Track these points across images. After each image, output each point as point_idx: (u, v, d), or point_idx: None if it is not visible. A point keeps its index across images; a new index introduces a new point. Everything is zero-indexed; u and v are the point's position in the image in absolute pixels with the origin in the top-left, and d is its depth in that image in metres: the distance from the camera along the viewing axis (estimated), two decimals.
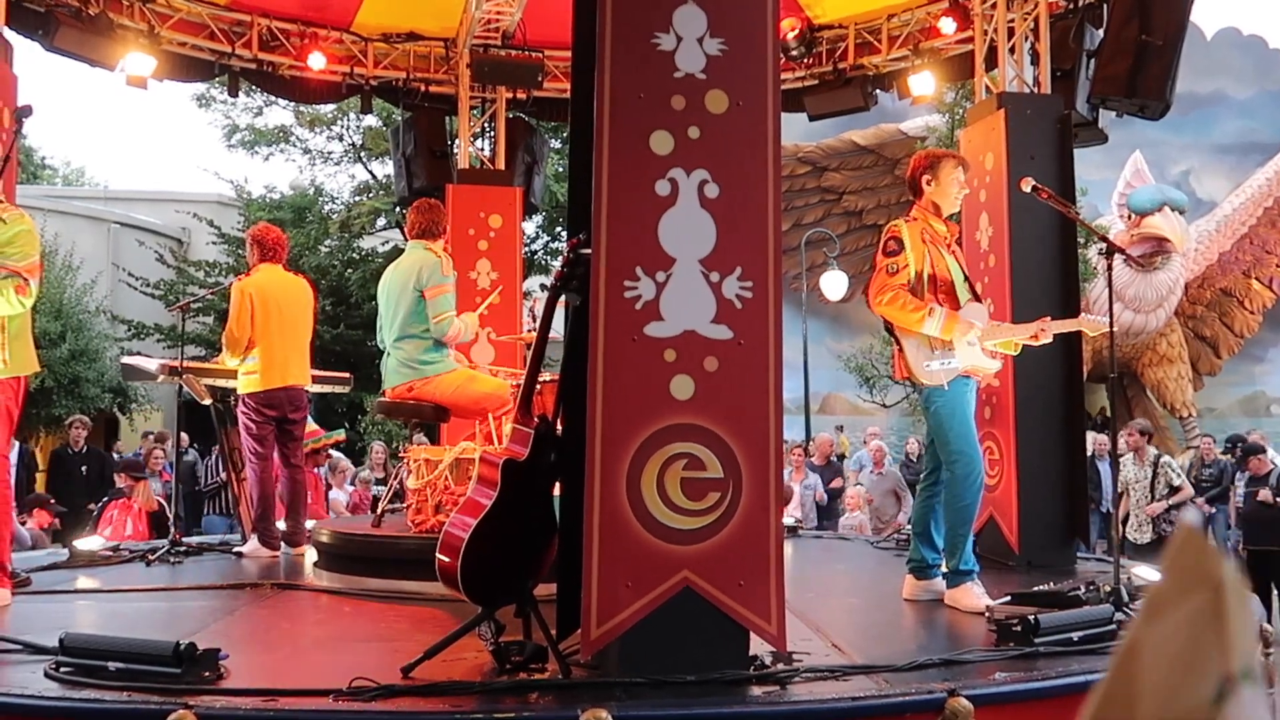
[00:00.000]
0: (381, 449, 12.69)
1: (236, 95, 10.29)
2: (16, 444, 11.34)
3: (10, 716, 3.17)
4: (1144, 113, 7.19)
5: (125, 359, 7.86)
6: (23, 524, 9.80)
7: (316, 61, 9.01)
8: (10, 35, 6.74)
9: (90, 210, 23.89)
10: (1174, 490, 10.20)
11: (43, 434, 15.89)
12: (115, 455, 13.69)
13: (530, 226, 19.89)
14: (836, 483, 11.95)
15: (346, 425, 18.36)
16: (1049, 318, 5.13)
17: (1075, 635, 3.90)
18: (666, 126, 3.44)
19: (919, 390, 5.00)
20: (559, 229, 21.02)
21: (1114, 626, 4.02)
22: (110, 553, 6.58)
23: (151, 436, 12.97)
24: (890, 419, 21.60)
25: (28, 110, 4.32)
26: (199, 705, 3.01)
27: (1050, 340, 5.14)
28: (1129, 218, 21.40)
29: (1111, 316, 4.73)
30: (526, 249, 18.08)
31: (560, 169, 18.23)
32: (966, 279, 5.09)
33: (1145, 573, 5.32)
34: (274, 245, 6.66)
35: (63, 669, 3.39)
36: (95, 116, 65.77)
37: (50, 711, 3.15)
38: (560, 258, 3.69)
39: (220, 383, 6.95)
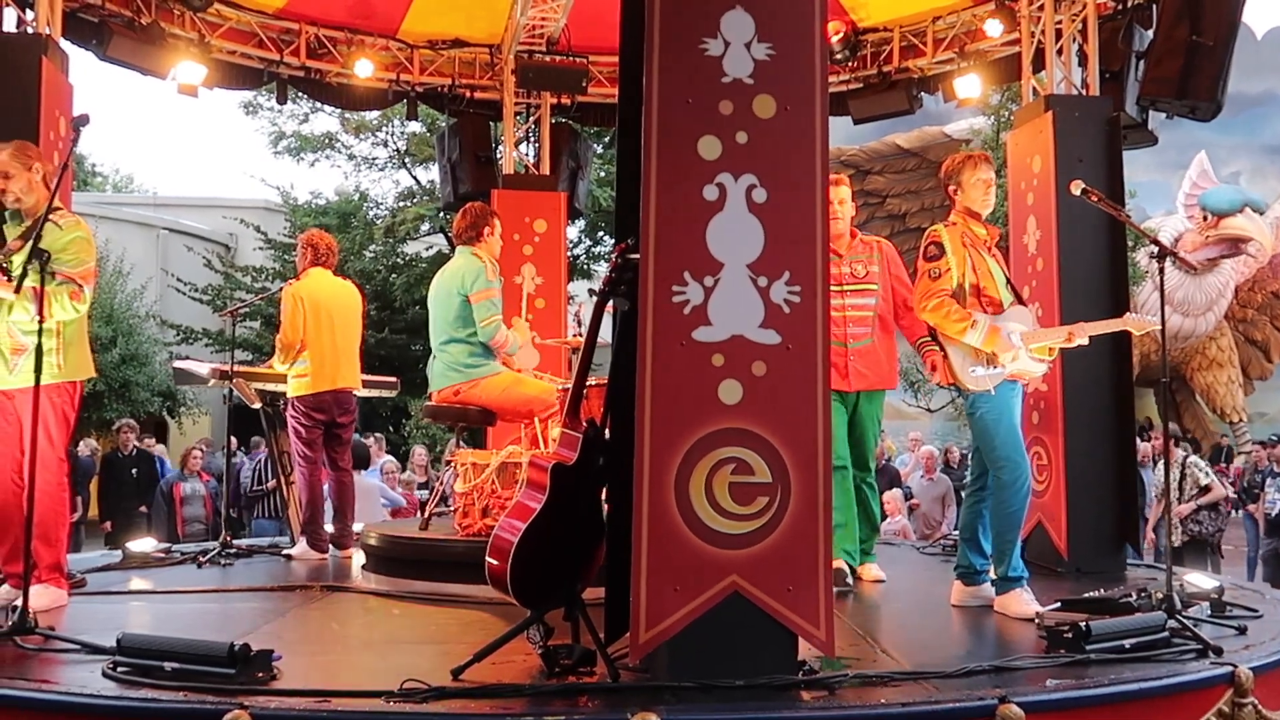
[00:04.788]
0: (423, 452, 12.78)
1: (285, 102, 10.39)
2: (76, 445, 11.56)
3: (70, 715, 3.23)
4: (1195, 114, 7.10)
5: (177, 363, 7.98)
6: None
7: (363, 69, 9.10)
8: (66, 45, 6.86)
9: (139, 216, 24.27)
10: (1203, 490, 10.03)
11: (94, 436, 16.12)
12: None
13: (573, 231, 19.97)
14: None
15: (391, 429, 18.52)
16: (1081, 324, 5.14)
17: (1127, 643, 3.85)
18: (714, 131, 3.45)
19: (964, 395, 4.97)
20: (602, 233, 21.08)
21: (1166, 634, 3.98)
22: (163, 554, 6.68)
23: (201, 442, 13.18)
24: (934, 423, 21.45)
25: (85, 119, 4.38)
26: (253, 706, 3.05)
27: (1087, 341, 5.09)
28: (1205, 218, 21.20)
29: (1164, 321, 4.67)
30: (569, 253, 18.13)
31: (603, 173, 18.29)
32: (1009, 282, 5.06)
33: (1198, 580, 5.25)
34: (327, 250, 6.75)
35: (120, 669, 3.45)
36: (143, 124, 66.79)
37: (109, 710, 3.20)
38: (608, 263, 3.71)
39: (269, 387, 7.04)
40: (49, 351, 4.48)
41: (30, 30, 6.62)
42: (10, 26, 6.60)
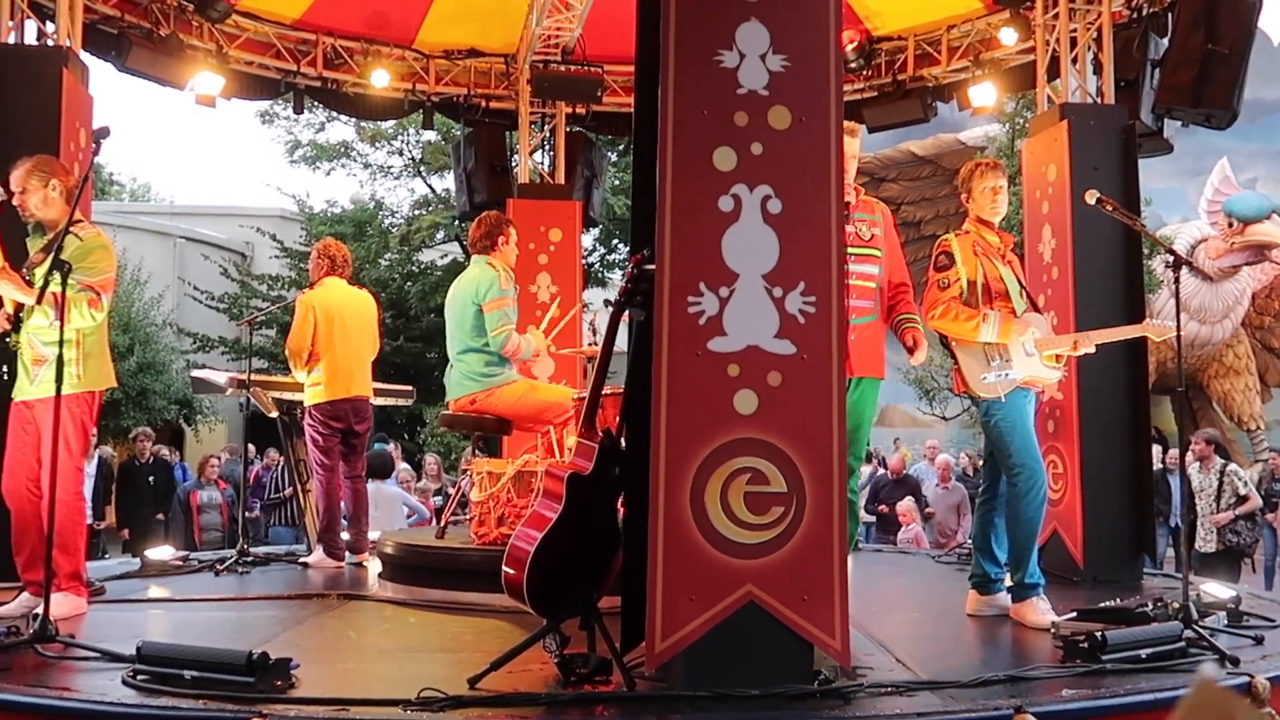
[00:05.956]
0: (435, 460, 12.81)
1: (301, 112, 10.47)
2: (96, 455, 11.64)
3: None
4: (1210, 122, 7.09)
5: (195, 372, 8.03)
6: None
7: (380, 79, 9.16)
8: (86, 57, 6.92)
9: (156, 225, 24.38)
10: (1241, 500, 9.99)
11: (112, 444, 16.20)
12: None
13: (587, 239, 20.00)
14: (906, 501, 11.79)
15: (406, 436, 18.55)
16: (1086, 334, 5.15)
17: (1143, 653, 3.85)
18: (729, 143, 3.47)
19: (978, 404, 4.98)
20: (616, 241, 21.11)
21: (1182, 644, 3.97)
22: (180, 562, 6.72)
23: (226, 449, 13.25)
24: (949, 431, 21.37)
25: (105, 131, 4.43)
26: (272, 714, 3.09)
27: (1094, 350, 5.09)
28: (1231, 224, 21.14)
29: (1180, 331, 4.66)
30: (584, 261, 18.17)
31: (618, 182, 18.31)
32: (1023, 289, 5.06)
33: (1214, 589, 5.24)
34: (343, 260, 6.80)
35: (140, 677, 3.47)
36: (160, 133, 67.08)
37: (129, 718, 3.23)
38: (623, 272, 3.74)
39: (287, 395, 7.08)
40: (69, 362, 4.52)
41: (51, 42, 6.69)
42: (31, 39, 6.67)
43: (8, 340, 4.75)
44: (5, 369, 4.83)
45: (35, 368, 4.73)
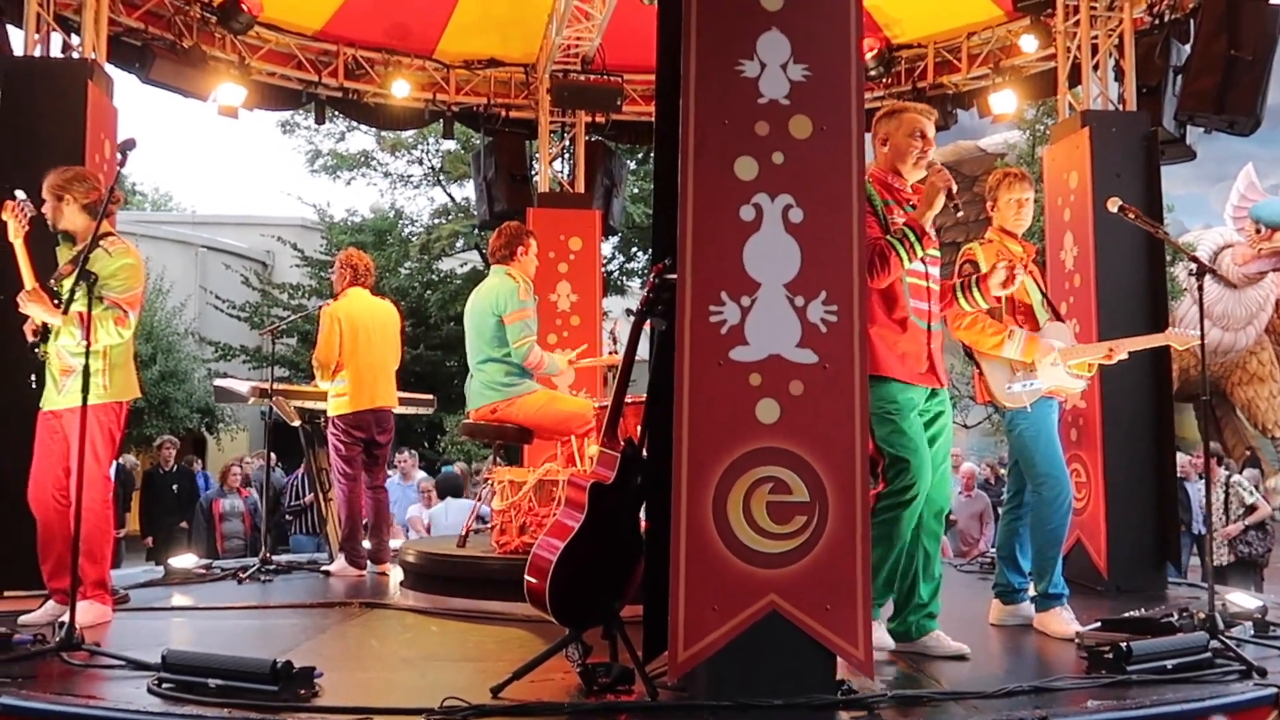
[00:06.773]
0: (462, 469, 12.82)
1: (322, 123, 10.54)
2: (115, 463, 11.69)
3: None
4: (1233, 129, 7.05)
5: (218, 382, 8.08)
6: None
7: (400, 89, 9.22)
8: (110, 69, 6.98)
9: (178, 234, 24.55)
10: (1249, 509, 9.92)
11: (135, 453, 16.30)
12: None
13: (606, 247, 20.01)
14: None
15: (425, 445, 18.59)
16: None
17: (1169, 663, 3.82)
18: (751, 152, 3.47)
19: (1002, 413, 4.96)
20: (635, 249, 21.12)
21: (1209, 655, 3.94)
22: (203, 570, 6.75)
23: (256, 455, 13.28)
24: (970, 439, 21.27)
25: (131, 143, 4.46)
26: None
27: (1127, 356, 5.07)
28: (1258, 230, 21.04)
29: (1204, 338, 4.64)
30: (603, 269, 18.18)
31: (637, 190, 18.32)
32: (1046, 299, 5.05)
33: (1240, 599, 5.20)
34: (365, 270, 6.84)
35: (165, 685, 3.49)
36: (182, 142, 67.48)
37: None
38: (643, 280, 3.75)
39: (309, 404, 7.11)
40: (95, 373, 4.56)
41: (76, 55, 6.75)
42: (56, 51, 6.73)
43: (36, 350, 4.78)
44: (34, 378, 4.87)
45: (63, 378, 4.77)
